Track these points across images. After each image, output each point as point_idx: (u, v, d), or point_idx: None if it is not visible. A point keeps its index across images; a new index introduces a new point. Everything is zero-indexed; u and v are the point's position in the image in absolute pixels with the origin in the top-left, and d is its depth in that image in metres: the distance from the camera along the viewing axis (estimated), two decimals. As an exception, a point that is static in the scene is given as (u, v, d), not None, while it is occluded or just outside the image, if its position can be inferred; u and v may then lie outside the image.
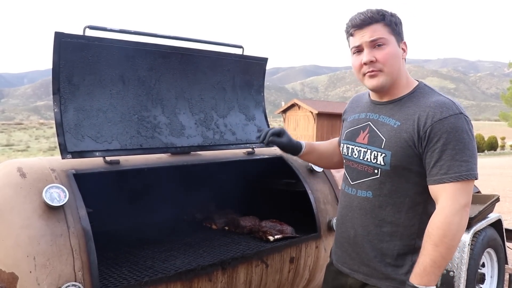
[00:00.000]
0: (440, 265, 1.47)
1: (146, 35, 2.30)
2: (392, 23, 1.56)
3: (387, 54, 1.55)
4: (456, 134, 1.46)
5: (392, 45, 1.56)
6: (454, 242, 1.46)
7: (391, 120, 1.60)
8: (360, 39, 1.57)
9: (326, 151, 2.04)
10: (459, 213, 1.45)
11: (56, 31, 1.96)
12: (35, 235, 1.66)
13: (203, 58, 2.53)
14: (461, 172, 1.44)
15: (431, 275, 1.47)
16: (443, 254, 1.45)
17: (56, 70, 2.00)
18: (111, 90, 2.19)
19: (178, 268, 2.08)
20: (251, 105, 2.84)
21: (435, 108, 1.51)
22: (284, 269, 2.43)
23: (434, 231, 1.46)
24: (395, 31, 1.57)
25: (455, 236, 1.45)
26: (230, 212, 2.99)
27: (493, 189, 9.60)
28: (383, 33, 1.55)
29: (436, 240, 1.45)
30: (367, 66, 1.58)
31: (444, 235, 1.44)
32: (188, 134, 2.45)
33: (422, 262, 1.48)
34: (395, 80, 1.60)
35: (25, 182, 1.79)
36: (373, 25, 1.55)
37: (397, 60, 1.58)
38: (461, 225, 1.46)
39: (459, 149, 1.45)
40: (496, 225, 3.38)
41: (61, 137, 1.98)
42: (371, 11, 1.56)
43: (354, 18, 1.58)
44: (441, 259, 1.46)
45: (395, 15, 1.59)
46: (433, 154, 1.48)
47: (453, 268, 2.93)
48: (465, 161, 1.45)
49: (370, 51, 1.56)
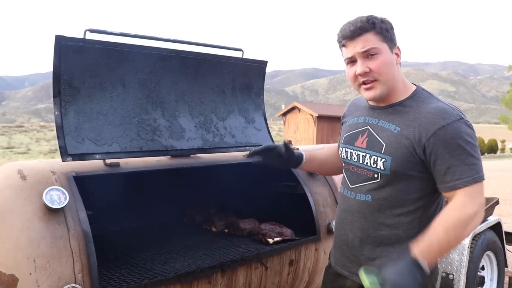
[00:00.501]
0: (442, 250, 1.47)
1: (146, 38, 2.32)
2: (383, 30, 1.55)
3: (381, 63, 1.54)
4: (462, 139, 1.47)
5: (385, 53, 1.55)
6: (464, 234, 1.46)
7: (391, 126, 1.60)
8: (352, 50, 1.56)
9: (327, 158, 2.02)
10: (477, 209, 1.46)
11: (57, 35, 1.97)
12: (35, 237, 1.66)
13: (203, 61, 2.54)
14: (473, 175, 1.46)
15: (433, 256, 1.45)
16: (450, 241, 1.45)
17: (57, 73, 2.01)
18: (111, 93, 2.20)
19: (177, 270, 2.09)
20: (251, 108, 2.85)
21: (436, 114, 1.51)
22: (283, 271, 2.44)
23: (451, 217, 1.45)
24: (387, 37, 1.56)
25: (466, 228, 1.45)
26: (229, 214, 3.00)
27: (493, 192, 9.60)
28: (374, 42, 1.54)
29: (450, 225, 1.44)
30: (361, 77, 1.57)
31: (459, 221, 1.43)
32: (188, 137, 2.46)
33: (429, 240, 1.45)
34: (392, 87, 1.59)
35: (26, 185, 1.80)
36: (364, 35, 1.53)
37: (392, 67, 1.57)
38: (476, 220, 1.46)
39: (468, 153, 1.47)
40: (495, 228, 3.38)
41: (61, 139, 1.98)
42: (360, 20, 1.54)
43: (344, 29, 1.57)
44: (447, 245, 1.46)
45: (386, 21, 1.57)
46: (443, 162, 1.48)
47: (453, 271, 2.93)
48: (474, 164, 1.47)
49: (363, 62, 1.55)
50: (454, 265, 2.94)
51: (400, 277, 1.38)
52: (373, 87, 1.57)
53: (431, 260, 1.44)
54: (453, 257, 2.94)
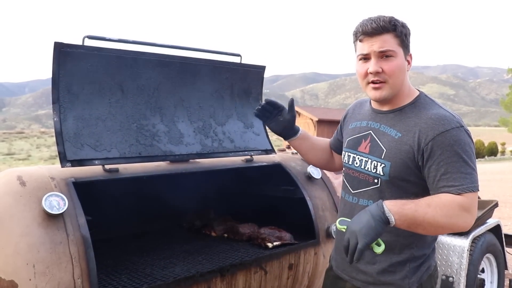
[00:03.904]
0: (415, 218, 1.39)
1: (144, 44, 2.33)
2: (402, 35, 1.55)
3: (394, 66, 1.54)
4: (460, 147, 1.46)
5: (399, 57, 1.55)
6: (442, 220, 1.40)
7: (392, 131, 1.60)
8: (369, 48, 1.55)
9: (317, 146, 2.05)
10: (464, 213, 1.42)
11: (56, 41, 1.98)
12: (35, 243, 1.67)
13: (201, 67, 2.56)
14: (467, 184, 1.44)
15: (403, 216, 1.39)
16: (427, 215, 1.39)
17: (56, 80, 2.02)
18: (110, 99, 2.21)
19: (177, 275, 2.09)
20: (250, 113, 2.86)
21: (436, 120, 1.51)
22: (283, 275, 2.44)
23: (442, 198, 1.42)
24: (404, 43, 1.56)
25: (448, 217, 1.40)
26: (229, 219, 3.00)
27: (493, 194, 9.59)
28: (392, 45, 1.53)
29: (437, 202, 1.41)
30: (372, 75, 1.56)
31: (445, 206, 1.40)
32: (187, 142, 2.46)
33: (408, 202, 1.41)
34: (398, 91, 1.60)
35: (25, 191, 1.81)
36: (384, 34, 1.52)
37: (402, 73, 1.57)
38: (459, 223, 1.42)
39: (464, 161, 1.46)
40: (495, 230, 3.38)
41: (60, 145, 1.99)
42: (383, 19, 1.53)
43: (365, 25, 1.55)
44: (422, 216, 1.39)
45: (406, 26, 1.56)
46: (438, 167, 1.47)
47: (453, 273, 2.93)
48: (469, 173, 1.45)
49: (377, 61, 1.54)
50: (454, 267, 2.94)
51: (357, 220, 1.40)
52: (381, 88, 1.57)
53: (400, 219, 1.39)
54: (453, 260, 2.95)
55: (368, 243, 1.35)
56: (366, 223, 1.37)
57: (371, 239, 1.36)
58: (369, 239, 1.35)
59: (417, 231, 1.44)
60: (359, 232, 1.36)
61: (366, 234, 1.35)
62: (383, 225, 1.37)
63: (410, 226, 1.41)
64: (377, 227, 1.36)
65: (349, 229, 1.40)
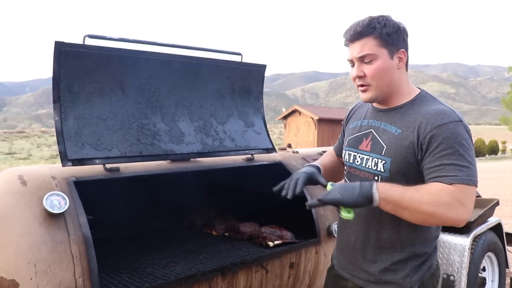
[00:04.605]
0: (399, 204, 1.41)
1: (145, 43, 2.33)
2: (384, 35, 1.53)
3: (375, 69, 1.55)
4: (456, 140, 1.45)
5: (381, 59, 1.55)
6: (429, 209, 1.39)
7: (393, 128, 1.61)
8: (351, 54, 1.59)
9: (329, 167, 1.96)
10: (455, 205, 1.39)
11: (56, 41, 1.98)
12: (36, 242, 1.67)
13: (202, 66, 2.56)
14: (462, 176, 1.42)
15: (389, 197, 1.42)
16: (411, 202, 1.40)
17: (56, 79, 2.02)
18: (110, 98, 2.21)
19: (178, 274, 2.09)
20: (250, 111, 2.86)
21: (435, 115, 1.51)
22: (284, 274, 2.44)
23: (427, 186, 1.43)
24: (387, 42, 1.54)
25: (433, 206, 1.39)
26: (230, 218, 3.00)
27: (494, 193, 9.59)
28: (371, 48, 1.54)
29: (421, 189, 1.41)
30: (357, 79, 1.61)
31: (431, 194, 1.39)
32: (188, 141, 2.47)
33: (397, 187, 1.44)
34: (390, 91, 1.60)
35: (26, 190, 1.81)
36: (363, 39, 1.54)
37: (387, 74, 1.57)
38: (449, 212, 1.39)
39: (460, 155, 1.44)
40: (496, 229, 3.38)
41: (61, 145, 2.00)
42: (362, 24, 1.54)
43: (347, 32, 1.59)
44: (406, 204, 1.40)
45: (389, 25, 1.55)
46: (433, 159, 1.46)
47: (454, 272, 2.93)
48: (465, 166, 1.43)
49: (359, 66, 1.58)
50: (455, 266, 2.94)
51: (346, 184, 1.51)
52: (367, 90, 1.61)
53: (386, 199, 1.42)
54: (454, 258, 2.95)
55: (338, 200, 1.45)
56: (351, 188, 1.46)
57: (346, 201, 1.44)
58: (344, 200, 1.44)
59: (403, 216, 1.45)
60: (340, 189, 1.47)
61: (343, 194, 1.45)
62: (364, 200, 1.43)
63: (396, 209, 1.44)
64: (358, 198, 1.43)
65: (334, 185, 1.52)
